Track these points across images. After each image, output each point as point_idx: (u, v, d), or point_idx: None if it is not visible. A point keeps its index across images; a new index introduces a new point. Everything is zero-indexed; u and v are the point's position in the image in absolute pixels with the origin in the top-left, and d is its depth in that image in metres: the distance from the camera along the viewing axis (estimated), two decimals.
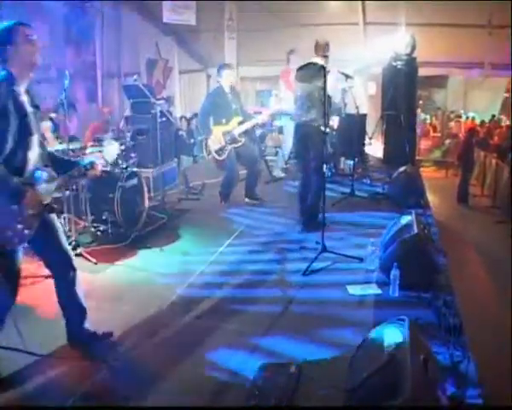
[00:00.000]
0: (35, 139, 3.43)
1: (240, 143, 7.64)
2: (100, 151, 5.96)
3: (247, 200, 7.97)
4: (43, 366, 3.64)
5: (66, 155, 4.01)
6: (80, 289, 3.83)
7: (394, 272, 4.62)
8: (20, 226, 3.27)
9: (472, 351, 3.68)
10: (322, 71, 5.70)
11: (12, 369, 3.50)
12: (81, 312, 3.85)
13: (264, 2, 13.17)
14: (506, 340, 5.48)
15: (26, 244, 3.49)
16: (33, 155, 3.41)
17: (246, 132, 7.78)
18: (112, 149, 6.67)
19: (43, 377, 3.50)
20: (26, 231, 3.32)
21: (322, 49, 6.45)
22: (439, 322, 4.08)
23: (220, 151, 7.60)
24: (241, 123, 7.66)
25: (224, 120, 7.59)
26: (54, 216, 3.67)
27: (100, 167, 3.88)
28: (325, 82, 5.61)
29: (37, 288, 4.84)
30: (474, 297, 6.83)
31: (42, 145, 3.55)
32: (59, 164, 3.71)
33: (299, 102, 6.60)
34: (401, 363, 2.69)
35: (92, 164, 3.76)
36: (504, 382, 4.60)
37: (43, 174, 3.43)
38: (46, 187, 3.44)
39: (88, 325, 3.89)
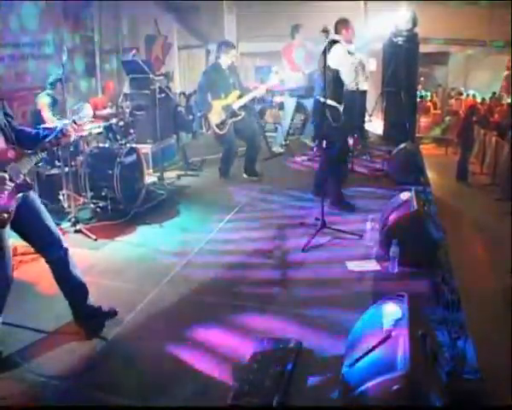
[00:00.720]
0: None
1: (239, 117, 7.63)
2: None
3: (245, 176, 7.97)
4: (46, 342, 3.66)
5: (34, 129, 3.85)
6: (75, 266, 3.80)
7: (394, 249, 4.62)
8: None
9: (469, 327, 3.70)
10: (325, 45, 5.68)
11: (15, 346, 3.50)
12: (81, 289, 3.85)
13: None
14: (504, 316, 5.50)
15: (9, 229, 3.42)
16: None
17: (245, 106, 7.78)
18: (83, 112, 6.57)
19: (46, 354, 3.52)
20: (5, 215, 3.27)
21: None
22: (437, 298, 4.09)
23: (221, 125, 7.59)
24: (239, 97, 7.64)
25: (222, 95, 7.57)
26: (34, 197, 3.61)
27: (72, 133, 3.73)
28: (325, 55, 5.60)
29: (37, 264, 4.84)
30: (472, 273, 6.85)
31: (6, 125, 3.44)
32: (27, 140, 3.59)
33: None
34: (400, 338, 2.70)
35: (62, 131, 3.62)
36: (502, 358, 4.63)
37: (10, 153, 3.34)
38: (15, 166, 3.34)
39: (92, 300, 3.90)
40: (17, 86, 7.60)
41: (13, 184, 3.30)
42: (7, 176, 3.26)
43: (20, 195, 3.40)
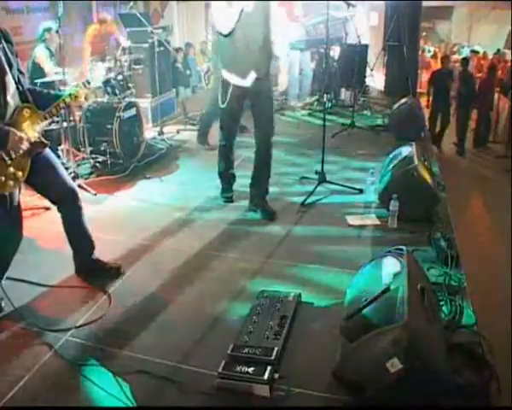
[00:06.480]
0: (9, 78, 3.26)
1: None
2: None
3: None
4: (47, 296, 3.69)
5: (45, 89, 3.79)
6: (86, 220, 3.82)
7: (393, 204, 4.62)
8: (11, 170, 3.19)
9: (468, 282, 3.72)
10: None
11: (17, 300, 3.51)
12: (89, 243, 3.88)
13: None
14: (502, 271, 5.55)
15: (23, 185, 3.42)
16: (11, 94, 3.26)
17: None
18: (96, 73, 6.48)
19: (47, 307, 3.54)
20: (19, 173, 3.25)
21: None
22: (436, 253, 4.11)
23: None
24: None
25: None
26: (49, 151, 3.57)
27: (82, 96, 3.68)
28: None
29: (38, 219, 4.88)
30: (472, 230, 6.88)
31: (20, 82, 3.37)
32: (39, 99, 3.50)
33: None
34: (398, 292, 2.71)
35: (71, 95, 3.53)
36: (499, 314, 4.68)
37: (25, 112, 3.31)
38: (30, 125, 3.31)
39: (97, 255, 3.93)
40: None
41: (29, 145, 3.28)
42: (24, 135, 3.23)
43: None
